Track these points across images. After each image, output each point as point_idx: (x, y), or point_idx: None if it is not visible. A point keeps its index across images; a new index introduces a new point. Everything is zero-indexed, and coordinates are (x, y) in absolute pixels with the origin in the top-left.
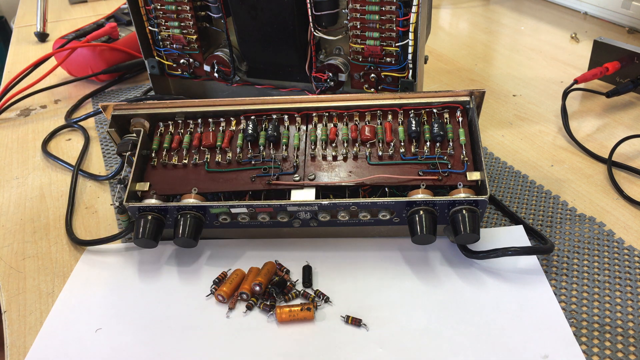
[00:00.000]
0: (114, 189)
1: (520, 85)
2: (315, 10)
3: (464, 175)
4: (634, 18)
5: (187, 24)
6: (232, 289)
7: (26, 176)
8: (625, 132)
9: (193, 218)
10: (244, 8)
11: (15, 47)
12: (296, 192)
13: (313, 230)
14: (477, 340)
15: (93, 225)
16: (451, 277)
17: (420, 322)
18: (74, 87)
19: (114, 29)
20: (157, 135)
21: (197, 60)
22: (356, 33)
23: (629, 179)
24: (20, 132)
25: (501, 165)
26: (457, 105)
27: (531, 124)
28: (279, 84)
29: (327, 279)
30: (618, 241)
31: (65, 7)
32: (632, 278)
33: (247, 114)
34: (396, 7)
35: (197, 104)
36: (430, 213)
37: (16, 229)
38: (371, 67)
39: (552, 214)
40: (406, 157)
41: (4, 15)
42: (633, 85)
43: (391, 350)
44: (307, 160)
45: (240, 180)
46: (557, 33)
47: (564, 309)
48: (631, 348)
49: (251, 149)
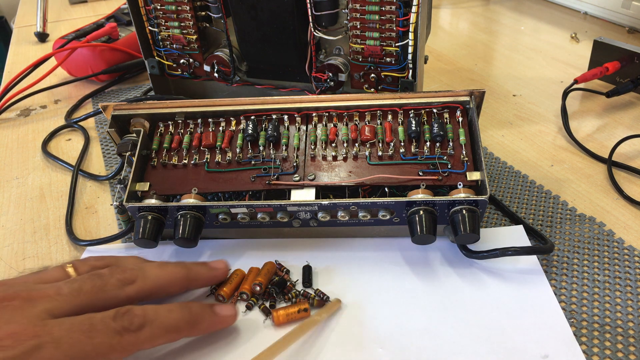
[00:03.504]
0: (114, 189)
1: (520, 85)
2: (315, 10)
3: (464, 175)
4: (634, 18)
5: (187, 24)
6: (232, 289)
7: (26, 176)
8: (625, 132)
9: (193, 218)
10: (244, 8)
11: (15, 47)
12: (296, 192)
13: (313, 230)
14: (477, 340)
15: (93, 225)
16: (451, 277)
17: (420, 322)
18: (74, 87)
19: (114, 29)
20: (157, 135)
21: (197, 60)
22: (356, 33)
23: (629, 179)
24: (20, 132)
25: (501, 165)
26: (457, 105)
27: (531, 124)
28: (279, 84)
29: (327, 279)
30: (618, 241)
31: (65, 7)
32: (632, 278)
33: (247, 114)
34: (396, 7)
35: (197, 104)
36: (430, 213)
37: (16, 229)
38: (371, 67)
39: (552, 214)
40: (406, 157)
41: (4, 15)
42: (633, 85)
43: (391, 350)
44: (307, 160)
45: (240, 180)
46: (557, 33)
47: (564, 309)
48: (631, 348)
49: (251, 149)
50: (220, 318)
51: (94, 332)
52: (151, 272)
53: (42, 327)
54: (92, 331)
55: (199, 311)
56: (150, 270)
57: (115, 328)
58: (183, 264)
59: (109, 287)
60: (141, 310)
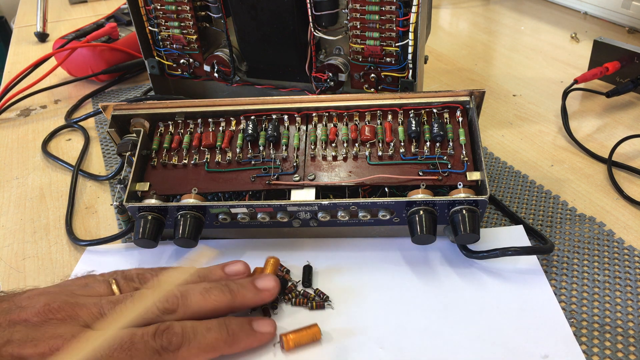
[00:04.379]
0: (114, 189)
1: (520, 85)
2: (315, 10)
3: (464, 175)
4: (634, 18)
5: (187, 24)
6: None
7: (26, 176)
8: (625, 132)
9: (193, 218)
10: (244, 8)
11: (15, 47)
12: (296, 192)
13: (313, 230)
14: (477, 340)
15: (93, 225)
16: (451, 277)
17: (420, 322)
18: (74, 87)
19: (114, 29)
20: (157, 135)
21: (197, 60)
22: (356, 33)
23: (629, 179)
24: (20, 132)
25: (501, 165)
26: (457, 105)
27: (531, 124)
28: (279, 84)
29: (327, 279)
30: (618, 241)
31: (65, 7)
32: (632, 278)
33: (247, 114)
34: (396, 7)
35: (197, 104)
36: (430, 213)
37: (16, 229)
38: (371, 67)
39: (552, 214)
40: (406, 157)
41: (4, 15)
42: (633, 85)
43: (391, 350)
44: (307, 160)
45: (240, 180)
46: (557, 33)
47: (564, 309)
48: (631, 348)
49: (251, 149)
50: (259, 336)
51: (134, 350)
52: (193, 300)
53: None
54: (132, 349)
55: (237, 330)
56: (192, 297)
57: (154, 347)
58: (229, 289)
59: (150, 315)
60: (180, 328)
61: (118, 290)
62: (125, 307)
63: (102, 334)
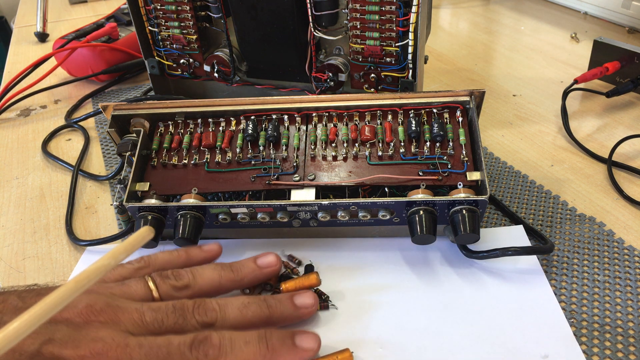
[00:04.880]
0: (114, 189)
1: (520, 85)
2: (315, 10)
3: (464, 175)
4: (634, 18)
5: (187, 24)
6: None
7: (26, 176)
8: (625, 132)
9: (193, 218)
10: (244, 8)
11: (15, 47)
12: (296, 192)
13: (313, 230)
14: (477, 340)
15: (93, 225)
16: (451, 277)
17: (420, 322)
18: (74, 87)
19: (114, 29)
20: (157, 135)
21: (197, 60)
22: (356, 33)
23: (629, 179)
24: (20, 132)
25: (501, 165)
26: (457, 105)
27: (531, 124)
28: (279, 84)
29: (327, 279)
30: (618, 241)
31: (65, 7)
32: (632, 278)
33: (247, 114)
34: (396, 7)
35: (197, 104)
36: (430, 213)
37: (16, 229)
38: (371, 67)
39: (552, 214)
40: (406, 157)
41: (4, 15)
42: (633, 85)
43: (391, 350)
44: (307, 160)
45: (240, 180)
46: (557, 33)
47: (564, 309)
48: (631, 348)
49: (251, 149)
50: (300, 353)
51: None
52: (232, 314)
53: (124, 347)
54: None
55: (277, 345)
56: (231, 311)
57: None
58: (267, 304)
59: (189, 327)
60: (218, 339)
61: (155, 289)
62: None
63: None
